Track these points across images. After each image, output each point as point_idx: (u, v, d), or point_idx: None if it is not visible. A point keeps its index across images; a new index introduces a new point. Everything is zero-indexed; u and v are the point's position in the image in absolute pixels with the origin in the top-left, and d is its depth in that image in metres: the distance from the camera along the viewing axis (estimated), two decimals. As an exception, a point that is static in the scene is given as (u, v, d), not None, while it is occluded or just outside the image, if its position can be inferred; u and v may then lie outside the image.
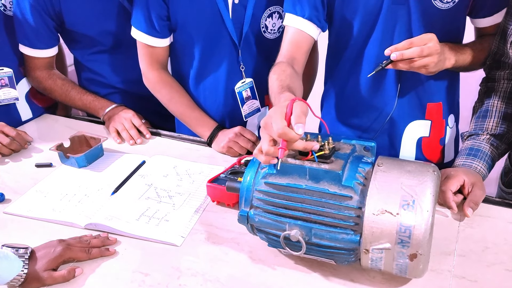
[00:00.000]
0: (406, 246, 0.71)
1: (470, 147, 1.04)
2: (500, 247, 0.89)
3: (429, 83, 1.15)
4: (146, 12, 1.24)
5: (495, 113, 1.04)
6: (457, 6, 1.04)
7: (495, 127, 1.04)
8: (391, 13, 1.05)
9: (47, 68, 1.45)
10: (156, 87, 1.33)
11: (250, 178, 0.83)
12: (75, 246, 0.89)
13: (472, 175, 0.98)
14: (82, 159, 1.20)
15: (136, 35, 1.29)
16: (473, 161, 1.02)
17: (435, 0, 1.03)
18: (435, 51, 0.96)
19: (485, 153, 1.02)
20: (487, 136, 1.04)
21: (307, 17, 1.10)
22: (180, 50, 1.31)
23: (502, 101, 1.04)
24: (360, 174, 0.77)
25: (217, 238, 0.95)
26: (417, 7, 1.04)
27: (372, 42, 1.10)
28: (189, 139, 1.35)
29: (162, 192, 1.09)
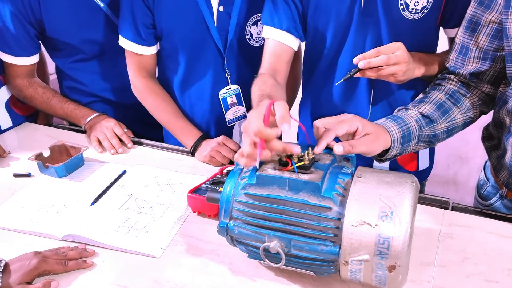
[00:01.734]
0: (384, 257, 0.71)
1: (393, 114, 0.99)
2: (479, 258, 0.89)
3: (401, 92, 1.16)
4: (131, 21, 1.25)
5: (433, 100, 1.02)
6: (426, 16, 1.06)
7: (427, 111, 0.99)
8: (361, 24, 1.08)
9: (28, 76, 1.43)
10: (143, 94, 1.33)
11: (230, 188, 0.82)
12: (51, 258, 0.87)
13: (372, 127, 0.88)
14: (62, 168, 1.18)
15: (123, 43, 1.29)
16: (388, 122, 0.94)
17: (404, 11, 1.05)
18: (403, 60, 0.97)
19: (406, 123, 0.95)
20: (416, 112, 0.99)
21: (285, 28, 1.12)
22: (166, 57, 1.32)
23: (443, 95, 1.03)
24: (340, 185, 0.76)
25: (197, 250, 0.94)
26: (387, 18, 1.06)
27: (344, 52, 1.12)
28: (172, 149, 1.34)
29: (142, 203, 1.07)
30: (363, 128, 0.86)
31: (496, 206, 1.10)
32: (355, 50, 1.11)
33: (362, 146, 0.85)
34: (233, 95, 1.32)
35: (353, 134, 0.87)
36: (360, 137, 0.86)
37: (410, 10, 1.05)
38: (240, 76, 1.32)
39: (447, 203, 1.05)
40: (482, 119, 1.10)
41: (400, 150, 0.96)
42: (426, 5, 1.05)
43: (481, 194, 1.15)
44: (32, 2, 1.28)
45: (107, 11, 1.35)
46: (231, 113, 1.35)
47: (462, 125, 1.05)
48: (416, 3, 1.04)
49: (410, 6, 1.05)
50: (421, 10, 1.05)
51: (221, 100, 1.32)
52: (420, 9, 1.05)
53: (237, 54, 1.29)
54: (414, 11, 1.05)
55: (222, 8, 1.23)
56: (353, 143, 0.83)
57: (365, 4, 1.06)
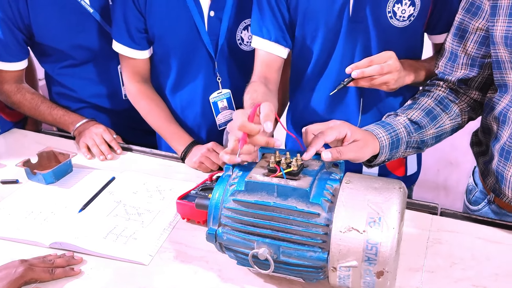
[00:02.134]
0: (372, 263, 0.71)
1: (382, 120, 0.99)
2: (467, 263, 0.90)
3: (389, 99, 1.18)
4: (124, 25, 1.26)
5: (422, 106, 1.02)
6: (413, 24, 1.08)
7: (416, 117, 1.00)
8: (350, 31, 1.09)
9: (16, 81, 1.42)
10: (136, 99, 1.34)
11: (218, 195, 0.82)
12: (38, 266, 0.86)
13: (360, 134, 0.88)
14: (50, 175, 1.17)
15: (117, 48, 1.30)
16: (377, 128, 0.94)
17: (392, 19, 1.07)
18: (395, 69, 0.99)
19: (394, 129, 0.96)
20: (404, 118, 1.00)
21: (273, 39, 1.14)
22: (158, 61, 1.33)
23: (432, 101, 1.04)
24: (328, 191, 0.77)
25: (186, 257, 0.93)
26: (375, 25, 1.08)
27: (334, 60, 1.13)
28: (161, 155, 1.33)
29: (131, 209, 1.07)
30: (352, 135, 0.87)
31: (484, 211, 1.10)
32: (344, 57, 1.12)
33: (350, 152, 0.85)
34: (224, 99, 1.33)
35: (341, 140, 0.87)
36: (348, 144, 0.86)
37: (398, 18, 1.07)
38: (231, 80, 1.32)
39: (436, 209, 1.06)
40: (471, 124, 1.12)
41: (389, 156, 0.96)
42: (413, 13, 1.06)
43: (469, 199, 1.16)
44: (20, 7, 1.28)
45: (96, 16, 1.34)
46: (222, 117, 1.35)
47: (450, 131, 1.06)
48: (403, 11, 1.06)
49: (398, 14, 1.06)
50: (408, 18, 1.07)
51: (212, 104, 1.32)
52: (407, 16, 1.07)
53: (228, 59, 1.30)
54: (401, 18, 1.07)
55: (213, 13, 1.24)
56: (341, 150, 0.83)
57: (354, 12, 1.07)
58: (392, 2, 1.05)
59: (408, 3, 1.05)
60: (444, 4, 1.08)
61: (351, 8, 1.07)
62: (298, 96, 1.26)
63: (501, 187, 1.00)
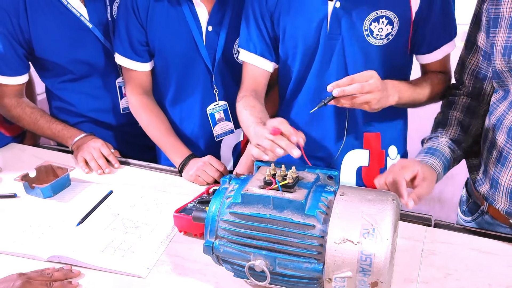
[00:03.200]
0: (367, 274, 0.72)
1: (428, 147, 1.06)
2: (461, 273, 0.91)
3: (365, 113, 1.16)
4: (127, 38, 1.30)
5: (454, 121, 1.09)
6: (392, 42, 1.09)
7: (454, 134, 1.08)
8: (327, 48, 1.11)
9: (16, 96, 1.44)
10: (138, 111, 1.37)
11: (215, 208, 0.83)
12: (36, 279, 0.87)
13: (427, 170, 0.97)
14: (48, 189, 1.17)
15: (119, 60, 1.34)
16: (430, 158, 1.02)
17: (369, 37, 1.08)
18: (376, 88, 0.98)
19: (443, 153, 1.04)
20: (446, 139, 1.07)
21: (259, 53, 1.19)
22: (159, 74, 1.36)
23: (460, 113, 1.09)
24: (323, 203, 0.78)
25: (183, 269, 0.94)
26: (352, 42, 1.09)
27: (311, 76, 1.16)
28: (158, 168, 1.35)
29: (129, 223, 1.07)
30: (422, 172, 0.94)
31: (477, 222, 1.12)
32: (320, 73, 1.14)
33: (425, 193, 0.94)
34: (221, 110, 1.36)
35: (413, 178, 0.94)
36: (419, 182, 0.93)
37: (375, 36, 1.08)
38: (228, 93, 1.35)
39: (430, 220, 1.07)
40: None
41: (441, 178, 1.03)
42: (390, 31, 1.08)
43: (463, 210, 1.17)
44: (21, 22, 1.30)
45: (95, 32, 1.37)
46: (219, 128, 1.38)
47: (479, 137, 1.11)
48: (380, 29, 1.08)
49: (375, 32, 1.08)
50: (385, 36, 1.08)
51: (209, 115, 1.35)
52: (385, 35, 1.08)
53: (225, 72, 1.33)
54: (378, 37, 1.08)
55: (211, 28, 1.27)
56: (419, 195, 0.93)
57: (331, 29, 1.09)
58: (369, 21, 1.07)
59: (386, 22, 1.07)
60: (424, 25, 1.10)
61: (328, 25, 1.09)
62: (283, 112, 1.28)
63: (494, 193, 1.02)
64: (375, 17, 1.06)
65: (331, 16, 1.08)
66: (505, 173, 0.98)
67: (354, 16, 1.07)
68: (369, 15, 1.06)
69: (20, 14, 1.29)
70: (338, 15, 1.07)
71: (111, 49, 1.40)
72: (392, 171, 0.94)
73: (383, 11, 1.06)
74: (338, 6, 1.07)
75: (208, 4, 1.26)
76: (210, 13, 1.26)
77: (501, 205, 1.02)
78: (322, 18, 1.09)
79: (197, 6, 1.25)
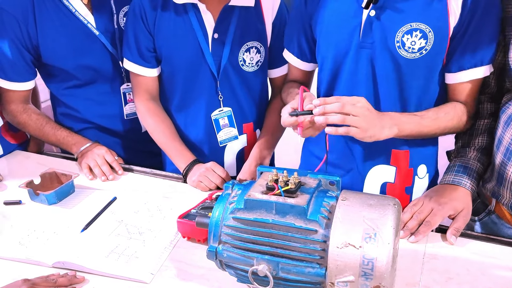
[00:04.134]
0: (369, 278, 0.73)
1: (458, 164, 1.09)
2: (463, 278, 0.92)
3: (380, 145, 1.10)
4: (135, 44, 1.32)
5: (481, 129, 1.11)
6: (426, 58, 1.03)
7: (481, 142, 1.10)
8: (358, 56, 1.08)
9: (23, 102, 1.45)
10: (144, 116, 1.39)
11: (218, 213, 0.84)
12: (41, 285, 0.88)
13: (461, 202, 1.03)
14: (52, 196, 1.19)
15: (127, 65, 1.36)
16: (462, 178, 1.06)
17: (400, 49, 1.04)
18: (361, 114, 0.93)
19: (473, 170, 1.07)
20: (475, 153, 1.10)
21: (296, 54, 1.23)
22: (165, 79, 1.38)
23: (487, 120, 1.11)
24: (325, 208, 0.79)
25: (187, 275, 0.95)
26: (382, 53, 1.05)
27: (340, 82, 1.14)
28: (162, 175, 1.36)
29: (133, 229, 1.08)
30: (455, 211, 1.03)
31: (484, 221, 1.13)
32: (349, 81, 1.11)
33: (463, 225, 1.03)
34: (225, 116, 1.37)
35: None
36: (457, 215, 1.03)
37: (406, 49, 1.03)
38: (232, 99, 1.37)
39: (432, 225, 1.08)
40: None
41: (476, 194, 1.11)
42: (424, 46, 1.02)
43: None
44: (29, 29, 1.32)
45: (102, 38, 1.39)
46: (223, 134, 1.39)
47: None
48: (413, 43, 1.02)
49: (406, 45, 1.03)
50: (418, 50, 1.03)
51: (213, 121, 1.36)
52: (418, 49, 1.03)
53: (230, 79, 1.34)
54: (410, 50, 1.03)
55: (216, 35, 1.29)
56: (458, 228, 1.02)
57: (363, 37, 1.07)
58: (402, 33, 1.02)
59: (419, 35, 1.02)
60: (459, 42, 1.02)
61: (361, 33, 1.06)
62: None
63: (500, 188, 1.04)
64: (409, 29, 1.02)
65: (365, 24, 1.05)
66: (510, 167, 0.99)
67: (387, 26, 1.03)
68: (403, 27, 1.02)
69: (28, 20, 1.31)
70: (371, 24, 1.05)
71: (117, 56, 1.42)
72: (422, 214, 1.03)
73: (418, 23, 1.01)
74: (373, 14, 1.04)
75: (215, 12, 1.28)
76: (216, 20, 1.28)
77: (506, 200, 1.03)
78: (356, 25, 1.07)
79: (203, 14, 1.27)
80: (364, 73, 1.10)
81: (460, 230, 1.01)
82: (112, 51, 1.41)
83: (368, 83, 1.10)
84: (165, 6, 1.28)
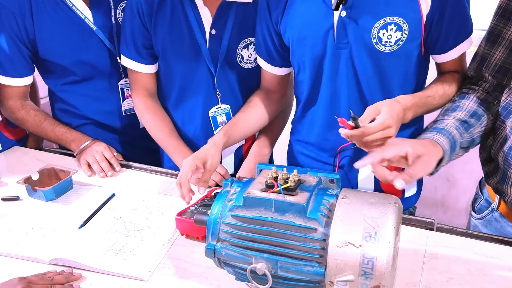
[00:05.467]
0: (369, 277, 0.72)
1: (433, 127, 1.00)
2: (464, 278, 0.91)
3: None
4: (132, 41, 1.31)
5: (466, 108, 1.03)
6: (403, 47, 1.06)
7: (464, 116, 1.02)
8: (335, 57, 1.09)
9: (21, 98, 1.44)
10: (142, 113, 1.38)
11: (217, 211, 0.83)
12: (37, 283, 0.87)
13: (422, 147, 0.90)
14: (50, 192, 1.18)
15: (125, 62, 1.35)
16: (435, 134, 0.96)
17: (378, 44, 1.05)
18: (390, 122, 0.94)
19: (449, 132, 0.97)
20: (453, 120, 1.01)
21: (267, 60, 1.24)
22: (162, 76, 1.37)
23: (473, 103, 1.05)
24: (325, 206, 0.78)
25: (185, 273, 0.94)
26: (360, 51, 1.07)
27: (324, 83, 1.14)
28: (160, 172, 1.35)
29: (131, 226, 1.08)
30: (414, 151, 0.88)
31: (487, 219, 1.12)
32: (332, 80, 1.12)
33: (419, 171, 0.88)
34: (223, 114, 1.36)
35: (405, 157, 0.88)
36: (412, 160, 0.88)
37: (384, 43, 1.05)
38: (230, 96, 1.36)
39: (432, 224, 1.07)
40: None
41: (448, 160, 0.96)
42: (400, 37, 1.04)
43: (474, 207, 1.18)
44: (26, 23, 1.31)
45: (99, 34, 1.38)
46: None
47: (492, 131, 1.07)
48: (389, 36, 1.04)
49: (383, 40, 1.05)
50: (395, 43, 1.05)
51: (211, 118, 1.35)
52: (395, 41, 1.05)
53: (228, 75, 1.33)
54: (388, 44, 1.05)
55: (214, 32, 1.28)
56: (410, 173, 0.87)
57: (337, 38, 1.07)
58: (377, 29, 1.04)
59: (394, 29, 1.04)
60: (438, 26, 1.07)
61: (335, 35, 1.07)
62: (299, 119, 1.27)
63: (503, 186, 1.03)
64: (383, 24, 1.04)
65: (337, 26, 1.06)
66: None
67: (361, 25, 1.04)
68: (377, 23, 1.04)
69: (25, 15, 1.30)
70: (344, 24, 1.06)
71: (114, 52, 1.41)
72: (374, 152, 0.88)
73: (391, 17, 1.03)
74: (344, 15, 1.05)
75: (212, 8, 1.26)
76: (214, 17, 1.27)
77: (509, 197, 1.02)
78: (329, 27, 1.07)
79: (201, 10, 1.26)
80: (344, 73, 1.11)
81: (414, 177, 0.86)
82: (109, 46, 1.40)
83: (350, 81, 1.11)
84: (162, 2, 1.27)
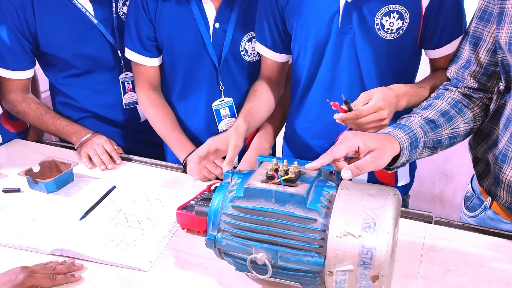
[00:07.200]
0: (368, 268, 0.73)
1: (396, 123, 0.97)
2: (461, 270, 0.92)
3: None
4: (136, 33, 1.32)
5: (437, 107, 1.02)
6: (402, 37, 1.10)
7: (432, 116, 0.99)
8: (338, 42, 1.13)
9: (22, 91, 1.45)
10: (145, 106, 1.39)
11: (218, 202, 0.84)
12: (39, 273, 0.88)
13: (374, 141, 0.85)
14: (51, 184, 1.18)
15: (129, 55, 1.36)
16: (394, 130, 0.92)
17: (380, 31, 1.10)
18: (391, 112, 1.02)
19: (411, 129, 0.93)
20: (419, 118, 0.98)
21: (269, 46, 1.24)
22: (166, 69, 1.38)
23: (447, 104, 1.03)
24: (325, 197, 0.79)
25: (186, 263, 0.95)
26: (363, 37, 1.11)
27: (322, 69, 1.17)
28: (161, 165, 1.35)
29: (131, 217, 1.08)
30: (365, 145, 0.84)
31: (480, 217, 1.13)
32: (332, 67, 1.15)
33: (369, 165, 0.82)
34: (226, 107, 1.37)
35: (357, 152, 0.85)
36: (364, 155, 0.84)
37: (386, 30, 1.10)
38: (234, 89, 1.37)
39: (430, 217, 1.08)
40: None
41: (408, 157, 0.93)
42: (401, 26, 1.09)
43: (467, 206, 1.18)
44: (27, 16, 1.32)
45: (100, 27, 1.38)
46: (224, 125, 1.38)
47: (464, 135, 1.05)
48: (392, 24, 1.09)
49: (386, 26, 1.09)
50: (396, 31, 1.09)
51: (214, 111, 1.36)
52: (396, 29, 1.09)
53: (231, 69, 1.34)
54: (389, 31, 1.09)
55: (218, 25, 1.29)
56: (359, 165, 0.81)
57: (342, 23, 1.11)
58: (381, 15, 1.08)
59: (397, 17, 1.08)
60: (435, 20, 1.11)
61: (340, 19, 1.10)
62: (295, 107, 1.29)
63: (497, 189, 1.03)
64: (386, 11, 1.08)
65: (343, 11, 1.09)
66: (506, 170, 0.99)
67: (365, 11, 1.08)
68: (381, 10, 1.08)
69: (27, 8, 1.31)
70: (349, 10, 1.09)
71: (115, 45, 1.41)
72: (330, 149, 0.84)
73: (394, 5, 1.07)
74: (350, 0, 1.08)
75: (216, 1, 1.27)
76: (218, 10, 1.27)
77: (502, 200, 1.02)
78: (334, 12, 1.10)
79: (205, 3, 1.27)
80: (346, 58, 1.14)
81: (362, 169, 0.81)
82: (110, 40, 1.40)
83: (351, 66, 1.14)
84: None
